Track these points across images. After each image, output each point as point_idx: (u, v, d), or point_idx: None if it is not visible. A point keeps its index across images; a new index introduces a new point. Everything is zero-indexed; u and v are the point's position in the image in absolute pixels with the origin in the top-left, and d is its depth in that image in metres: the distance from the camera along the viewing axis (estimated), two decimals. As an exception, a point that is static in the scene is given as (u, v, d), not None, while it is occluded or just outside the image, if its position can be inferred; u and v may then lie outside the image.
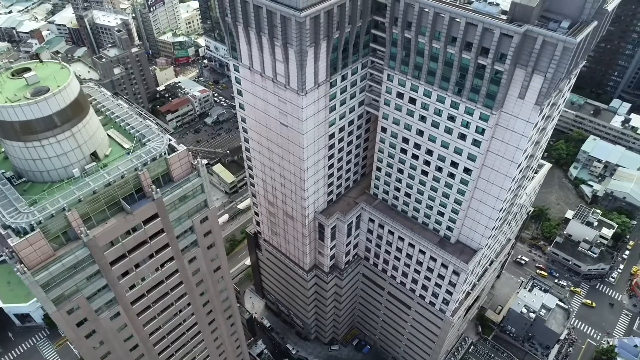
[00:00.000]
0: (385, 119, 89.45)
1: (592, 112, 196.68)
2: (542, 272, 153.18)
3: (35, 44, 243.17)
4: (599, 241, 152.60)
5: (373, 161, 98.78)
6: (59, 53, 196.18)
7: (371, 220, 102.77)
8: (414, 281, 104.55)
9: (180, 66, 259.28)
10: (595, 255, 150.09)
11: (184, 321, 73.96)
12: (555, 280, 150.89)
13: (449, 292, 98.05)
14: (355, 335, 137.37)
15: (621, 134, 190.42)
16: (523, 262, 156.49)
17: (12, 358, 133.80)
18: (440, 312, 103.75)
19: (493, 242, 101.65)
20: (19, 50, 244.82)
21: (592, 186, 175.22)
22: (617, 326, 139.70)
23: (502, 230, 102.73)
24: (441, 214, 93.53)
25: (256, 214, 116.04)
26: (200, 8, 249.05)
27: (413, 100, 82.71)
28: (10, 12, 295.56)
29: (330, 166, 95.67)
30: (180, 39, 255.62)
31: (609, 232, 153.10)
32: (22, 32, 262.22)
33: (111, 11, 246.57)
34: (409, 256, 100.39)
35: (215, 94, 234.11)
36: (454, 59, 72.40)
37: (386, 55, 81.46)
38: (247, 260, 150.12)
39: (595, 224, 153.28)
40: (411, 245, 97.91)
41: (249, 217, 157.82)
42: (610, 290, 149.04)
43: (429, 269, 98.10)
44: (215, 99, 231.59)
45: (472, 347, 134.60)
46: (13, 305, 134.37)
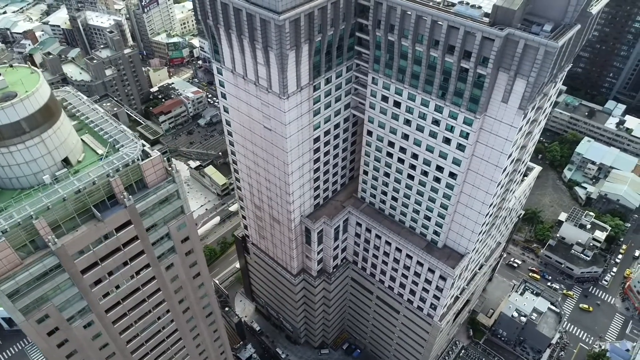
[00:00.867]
0: (371, 122, 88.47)
1: (587, 114, 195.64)
2: (535, 275, 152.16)
3: (29, 45, 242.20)
4: (592, 244, 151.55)
5: (360, 164, 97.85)
6: (50, 54, 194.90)
7: (358, 224, 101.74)
8: (402, 286, 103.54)
9: (175, 67, 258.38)
10: (588, 258, 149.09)
11: (163, 328, 72.94)
12: (548, 284, 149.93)
13: (436, 297, 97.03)
14: (345, 339, 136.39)
15: (616, 136, 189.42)
16: (516, 265, 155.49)
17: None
18: (428, 317, 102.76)
19: (481, 247, 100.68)
20: (13, 51, 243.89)
21: (586, 188, 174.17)
22: (610, 330, 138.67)
23: (491, 234, 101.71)
24: (428, 218, 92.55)
25: (244, 217, 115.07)
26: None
27: (398, 104, 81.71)
28: (5, 13, 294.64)
29: (316, 170, 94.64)
30: (175, 39, 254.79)
31: (602, 235, 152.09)
32: (16, 33, 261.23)
33: (104, 12, 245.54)
34: (397, 260, 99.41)
35: (209, 95, 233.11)
36: (436, 62, 71.39)
37: (370, 58, 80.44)
38: (238, 263, 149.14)
39: (589, 226, 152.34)
40: (398, 249, 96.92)
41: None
42: (603, 294, 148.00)
43: (416, 274, 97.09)
44: (209, 100, 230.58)
45: (463, 351, 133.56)
46: None
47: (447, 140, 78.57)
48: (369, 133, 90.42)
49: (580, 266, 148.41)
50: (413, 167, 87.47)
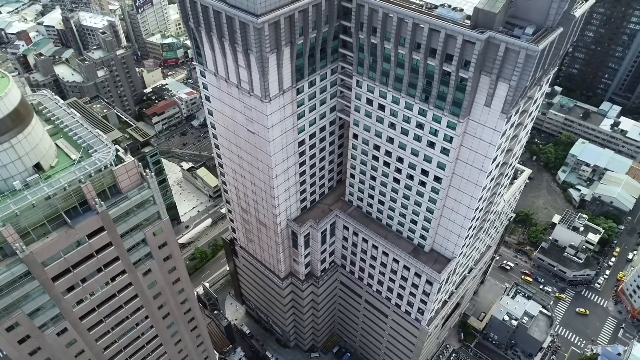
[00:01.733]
0: (357, 125, 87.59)
1: (582, 115, 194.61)
2: (528, 278, 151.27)
3: (23, 46, 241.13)
4: (584, 247, 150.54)
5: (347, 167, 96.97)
6: (42, 55, 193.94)
7: (346, 228, 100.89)
8: (390, 290, 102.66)
9: (169, 68, 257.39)
10: (581, 261, 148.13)
11: (143, 334, 72.04)
12: (541, 286, 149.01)
13: (423, 302, 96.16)
14: (335, 342, 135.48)
15: (610, 137, 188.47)
16: (508, 268, 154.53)
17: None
18: (415, 322, 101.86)
19: (470, 251, 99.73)
20: (7, 52, 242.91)
21: (580, 190, 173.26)
22: (602, 333, 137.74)
23: (479, 237, 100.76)
24: (414, 222, 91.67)
25: (231, 220, 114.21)
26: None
27: (382, 107, 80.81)
28: (0, 13, 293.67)
29: (302, 173, 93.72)
30: (169, 40, 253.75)
31: (595, 238, 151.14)
32: (10, 34, 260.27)
33: (98, 12, 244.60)
34: (384, 264, 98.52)
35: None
36: (419, 65, 70.48)
37: (354, 61, 79.53)
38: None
39: (582, 229, 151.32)
40: (385, 253, 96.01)
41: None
42: (596, 297, 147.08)
43: (403, 278, 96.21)
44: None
45: (454, 355, 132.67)
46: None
47: (432, 144, 77.69)
48: (355, 136, 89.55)
49: (573, 269, 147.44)
50: (399, 171, 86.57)
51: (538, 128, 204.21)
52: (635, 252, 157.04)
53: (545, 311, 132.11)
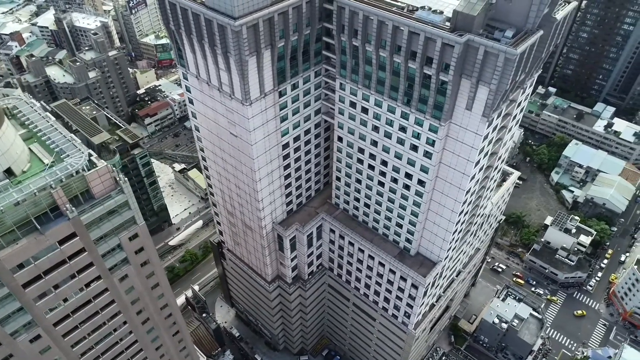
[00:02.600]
0: (341, 128, 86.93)
1: (575, 116, 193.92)
2: (519, 280, 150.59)
3: (16, 47, 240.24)
4: (576, 249, 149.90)
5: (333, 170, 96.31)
6: (33, 56, 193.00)
7: (332, 231, 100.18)
8: (377, 293, 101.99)
9: (164, 69, 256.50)
10: (573, 263, 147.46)
11: (121, 340, 71.26)
12: (532, 289, 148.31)
13: (409, 306, 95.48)
14: (325, 345, 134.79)
15: (604, 139, 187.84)
16: (500, 270, 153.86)
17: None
18: (402, 325, 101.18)
19: (456, 254, 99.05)
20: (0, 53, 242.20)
21: (573, 192, 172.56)
22: (593, 336, 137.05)
23: (466, 241, 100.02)
24: (400, 225, 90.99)
25: (218, 223, 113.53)
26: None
27: (365, 110, 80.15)
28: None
29: (287, 176, 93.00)
30: (163, 41, 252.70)
31: (587, 240, 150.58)
32: (4, 34, 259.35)
33: (91, 13, 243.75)
34: (370, 268, 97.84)
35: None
36: (400, 68, 69.81)
37: (337, 63, 78.87)
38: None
39: (574, 231, 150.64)
40: (371, 257, 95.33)
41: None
42: (588, 299, 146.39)
43: (389, 282, 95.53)
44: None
45: (444, 358, 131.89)
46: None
47: (415, 147, 77.01)
48: (340, 139, 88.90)
49: (565, 271, 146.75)
50: (383, 174, 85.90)
51: (532, 129, 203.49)
52: (627, 254, 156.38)
53: (535, 314, 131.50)
